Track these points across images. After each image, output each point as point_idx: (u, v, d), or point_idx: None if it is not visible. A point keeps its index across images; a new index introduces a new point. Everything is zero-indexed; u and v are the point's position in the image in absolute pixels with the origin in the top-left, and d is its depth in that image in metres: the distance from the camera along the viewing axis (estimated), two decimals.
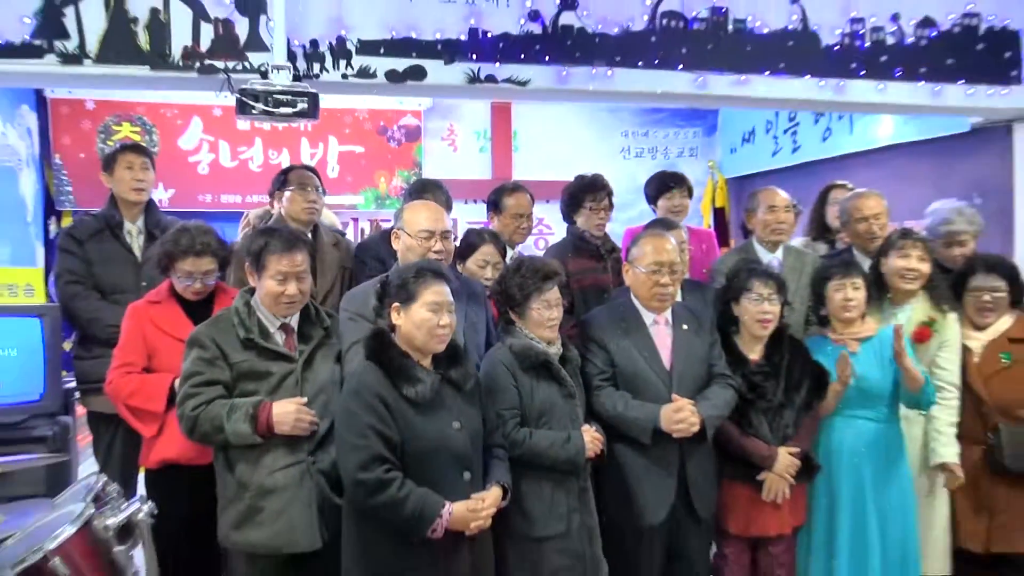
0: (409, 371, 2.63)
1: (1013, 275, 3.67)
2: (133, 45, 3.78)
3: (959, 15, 4.75)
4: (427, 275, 2.69)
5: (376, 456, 2.52)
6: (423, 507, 2.53)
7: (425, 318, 2.63)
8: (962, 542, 3.61)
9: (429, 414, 2.63)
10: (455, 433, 2.66)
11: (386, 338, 2.69)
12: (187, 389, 2.83)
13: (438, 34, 4.09)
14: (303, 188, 3.93)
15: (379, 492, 2.51)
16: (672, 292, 3.37)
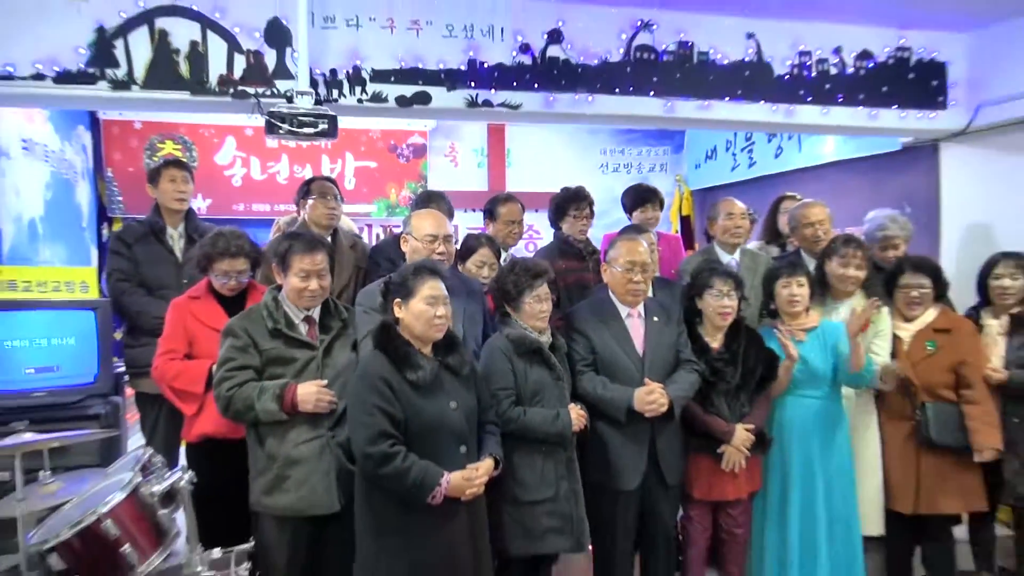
0: (411, 358, 2.63)
1: (936, 274, 3.67)
2: (175, 73, 3.78)
3: (893, 48, 4.77)
4: (424, 273, 2.69)
5: (382, 432, 2.52)
6: (424, 476, 2.53)
7: (423, 310, 2.63)
8: (893, 505, 3.62)
9: (429, 396, 2.63)
10: (452, 412, 2.66)
11: (391, 329, 2.68)
12: (222, 373, 2.84)
13: (441, 64, 4.10)
14: (323, 196, 3.93)
15: (385, 464, 2.51)
16: (644, 288, 3.37)
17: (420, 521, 2.59)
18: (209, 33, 3.81)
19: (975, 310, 3.84)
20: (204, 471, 2.86)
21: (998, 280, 3.68)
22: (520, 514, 3.00)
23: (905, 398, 3.59)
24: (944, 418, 3.51)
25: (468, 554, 2.68)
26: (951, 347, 3.57)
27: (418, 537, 2.60)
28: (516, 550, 3.01)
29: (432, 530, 2.60)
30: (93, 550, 2.40)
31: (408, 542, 2.59)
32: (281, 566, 2.89)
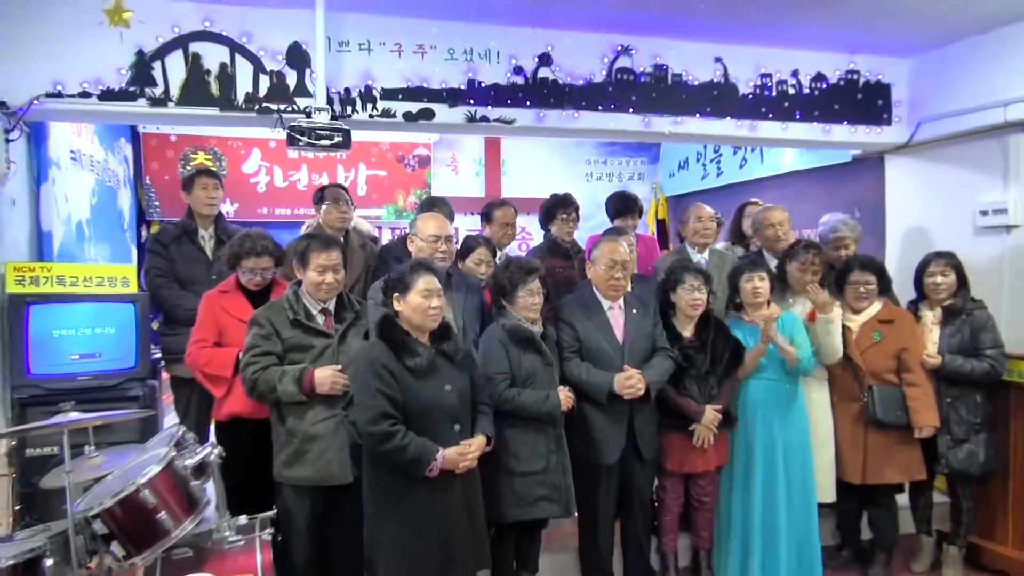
0: (410, 346, 2.62)
1: (881, 271, 3.69)
2: (206, 92, 3.76)
3: (844, 71, 4.76)
4: (419, 269, 2.68)
5: (383, 413, 2.51)
6: (421, 452, 2.52)
7: (419, 303, 2.62)
8: (844, 476, 3.62)
9: (426, 379, 2.62)
10: (447, 394, 2.64)
11: (391, 320, 2.67)
12: (248, 358, 2.83)
13: (443, 84, 4.07)
14: (336, 202, 3.93)
15: (386, 441, 2.50)
16: (623, 284, 3.35)
17: (419, 493, 2.58)
18: (237, 56, 3.78)
19: (914, 303, 3.85)
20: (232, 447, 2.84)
21: (931, 277, 3.69)
22: (515, 484, 3.00)
23: (854, 382, 3.60)
24: (888, 399, 3.52)
25: (463, 521, 2.67)
26: (894, 336, 3.58)
27: (417, 507, 2.59)
28: (511, 516, 3.01)
29: (430, 500, 2.59)
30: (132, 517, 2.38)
31: (408, 511, 2.59)
32: (301, 530, 2.88)
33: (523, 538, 3.29)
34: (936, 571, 3.77)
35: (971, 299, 3.68)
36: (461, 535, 2.65)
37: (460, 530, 2.65)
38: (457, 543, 2.63)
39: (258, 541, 2.60)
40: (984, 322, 3.60)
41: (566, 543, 3.65)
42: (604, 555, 3.40)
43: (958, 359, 3.57)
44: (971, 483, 3.70)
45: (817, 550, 3.49)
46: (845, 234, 4.03)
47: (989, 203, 4.39)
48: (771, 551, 3.40)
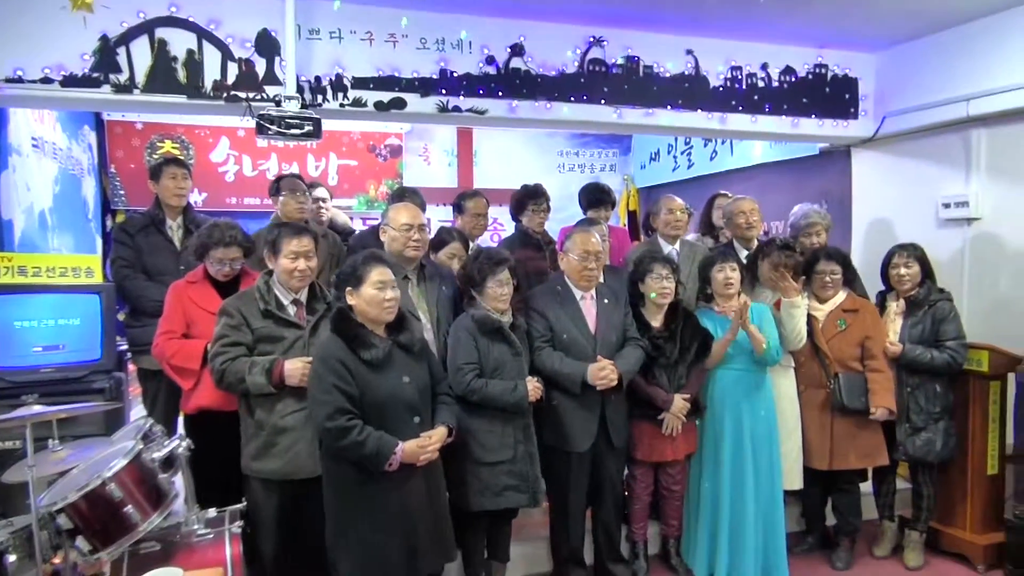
0: (364, 339, 2.59)
1: (846, 262, 3.76)
2: (173, 79, 3.69)
3: (812, 65, 4.82)
4: (371, 261, 2.65)
5: (339, 408, 2.48)
6: (379, 447, 2.50)
7: (373, 295, 2.59)
8: (810, 462, 3.69)
9: (383, 372, 2.59)
10: (405, 386, 2.62)
11: (345, 314, 2.64)
12: (217, 348, 2.80)
13: (415, 74, 4.04)
14: (293, 192, 3.89)
15: (343, 437, 2.47)
16: (596, 274, 3.37)
17: (379, 486, 2.57)
18: (204, 43, 3.71)
19: (882, 295, 3.92)
20: (200, 439, 2.81)
21: (895, 269, 3.75)
22: (482, 473, 3.01)
23: (820, 369, 3.67)
24: (853, 386, 3.60)
25: (426, 513, 2.66)
26: (858, 325, 3.66)
27: (378, 501, 2.58)
28: (478, 505, 3.02)
29: (390, 494, 2.58)
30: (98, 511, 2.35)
31: (369, 505, 2.58)
32: (269, 523, 2.86)
33: (493, 527, 3.30)
34: (897, 555, 3.86)
35: (939, 290, 3.74)
36: (424, 528, 2.64)
37: (423, 523, 2.64)
38: (420, 536, 2.62)
39: (227, 534, 2.59)
40: (946, 313, 3.67)
41: (537, 532, 3.68)
42: (575, 543, 3.43)
43: (918, 348, 3.64)
44: (931, 470, 3.78)
45: (783, 536, 3.54)
46: (816, 220, 4.11)
47: (951, 196, 4.49)
48: (738, 538, 3.45)
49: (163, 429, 2.86)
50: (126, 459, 2.41)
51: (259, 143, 6.43)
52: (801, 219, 4.15)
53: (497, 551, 3.35)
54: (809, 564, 3.79)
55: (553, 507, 3.45)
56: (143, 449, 2.54)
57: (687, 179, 7.15)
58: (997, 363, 3.73)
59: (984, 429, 3.78)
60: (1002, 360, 3.73)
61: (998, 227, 4.32)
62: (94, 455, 2.56)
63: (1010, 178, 4.25)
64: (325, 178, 6.75)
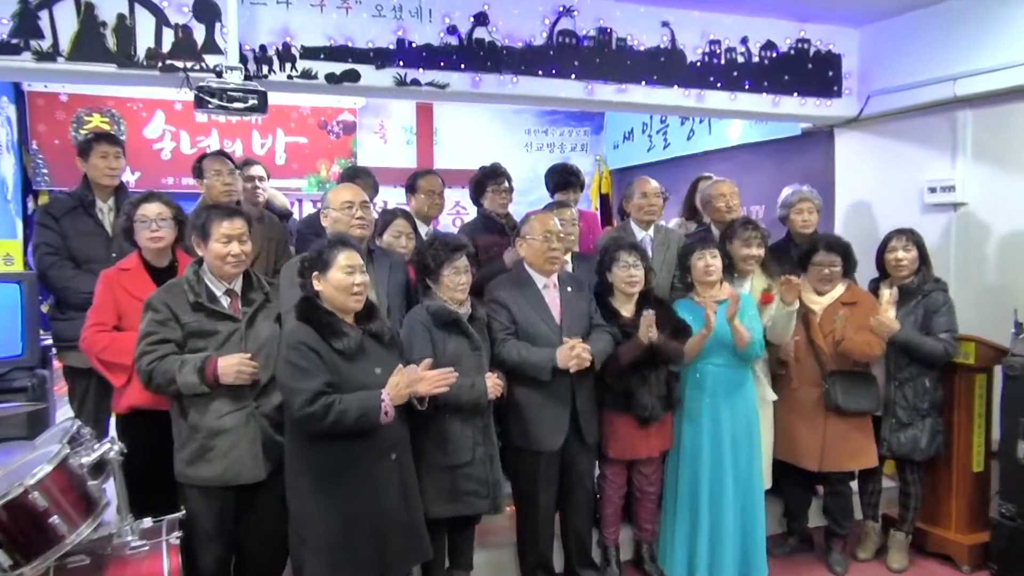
0: (336, 327, 2.59)
1: (847, 252, 3.77)
2: (102, 46, 3.58)
3: (794, 40, 4.87)
4: (338, 244, 2.65)
5: (316, 392, 2.49)
6: (365, 404, 2.52)
7: (341, 279, 2.59)
8: (798, 462, 3.75)
9: (355, 362, 2.61)
10: (377, 377, 2.63)
11: (313, 302, 2.64)
12: (143, 347, 2.73)
13: (370, 44, 3.99)
14: (219, 174, 3.81)
15: (327, 414, 2.48)
16: (561, 256, 3.37)
17: (353, 479, 2.59)
18: (137, 7, 3.61)
19: (875, 282, 3.96)
20: (134, 442, 2.75)
21: (892, 252, 3.79)
22: (439, 477, 3.00)
23: (816, 367, 3.71)
24: (849, 386, 3.66)
25: (400, 511, 2.67)
26: (855, 318, 3.70)
27: (351, 493, 2.59)
28: (434, 512, 3.00)
29: (364, 486, 2.59)
30: (21, 522, 2.28)
31: (341, 498, 2.58)
32: (208, 534, 2.80)
33: (455, 534, 3.31)
34: (881, 557, 3.95)
35: (934, 279, 3.80)
36: (397, 526, 2.66)
37: (396, 521, 2.66)
38: (393, 534, 2.64)
39: (164, 545, 2.53)
40: (939, 305, 3.71)
41: (503, 538, 3.69)
42: (543, 549, 3.45)
43: (915, 333, 3.68)
44: (919, 468, 3.86)
45: (763, 538, 3.61)
46: (807, 197, 4.20)
47: (937, 180, 4.58)
48: (717, 541, 3.50)
49: (92, 431, 2.79)
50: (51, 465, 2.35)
51: (198, 118, 6.33)
52: (792, 196, 4.24)
53: (459, 559, 3.35)
54: (791, 567, 3.87)
55: (520, 511, 3.46)
56: (70, 453, 2.47)
57: (663, 160, 7.20)
58: (983, 355, 3.83)
59: (969, 424, 3.88)
60: (988, 352, 3.83)
61: (985, 213, 4.42)
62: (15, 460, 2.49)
63: (997, 162, 4.34)
64: (272, 157, 6.67)
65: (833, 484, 3.86)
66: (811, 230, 4.19)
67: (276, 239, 3.92)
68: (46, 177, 6.06)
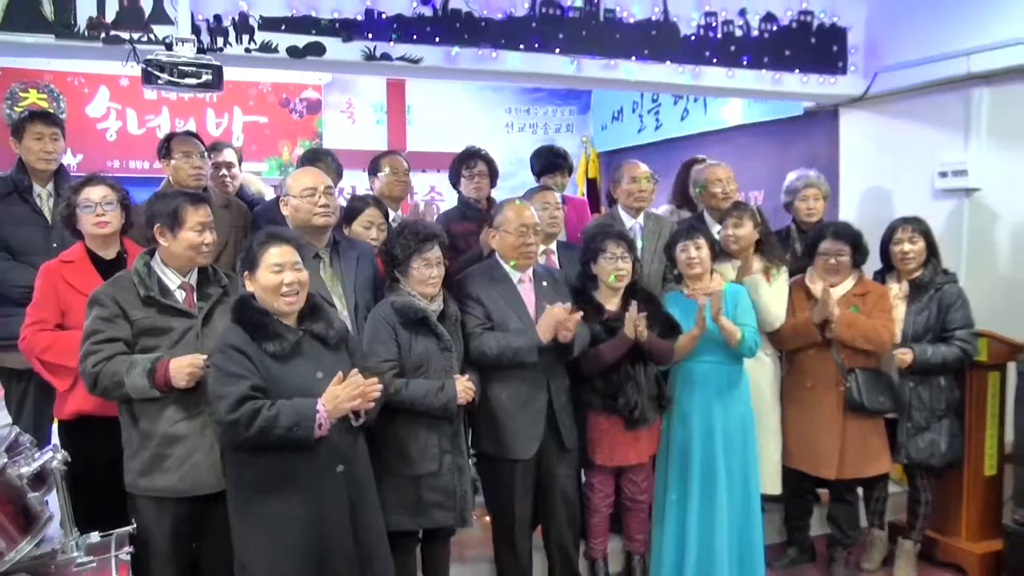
0: (268, 328, 2.57)
1: (856, 242, 3.77)
2: (38, 14, 3.54)
3: (796, 12, 4.89)
4: (268, 240, 2.62)
5: (243, 396, 2.46)
6: (297, 412, 2.48)
7: (268, 279, 2.57)
8: (815, 471, 3.78)
9: (292, 366, 2.59)
10: (318, 382, 2.59)
11: (248, 302, 2.62)
12: (88, 346, 2.69)
13: (336, 13, 3.98)
14: (188, 156, 3.79)
15: (253, 421, 2.44)
16: (536, 250, 3.38)
17: (290, 497, 2.56)
18: None
19: (880, 275, 3.98)
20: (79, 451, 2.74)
21: (898, 245, 3.80)
22: (402, 488, 3.00)
23: (834, 365, 3.72)
24: (872, 383, 3.68)
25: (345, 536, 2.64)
26: (868, 309, 3.72)
27: (288, 514, 2.56)
28: (397, 524, 2.99)
29: (303, 506, 2.57)
30: None
31: (277, 520, 2.57)
32: (162, 550, 2.79)
33: (428, 547, 3.32)
34: (887, 567, 4.01)
35: (943, 271, 3.82)
36: (343, 554, 2.63)
37: (341, 548, 2.63)
38: (338, 563, 2.61)
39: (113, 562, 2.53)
40: (954, 299, 3.74)
41: (481, 552, 3.71)
42: (523, 562, 3.46)
43: (928, 349, 3.68)
44: (932, 474, 3.90)
45: (760, 549, 3.65)
46: (813, 183, 4.25)
47: (949, 163, 4.63)
48: (707, 551, 3.53)
49: (32, 439, 2.78)
50: None
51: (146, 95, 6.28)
52: (798, 182, 4.29)
53: (434, 574, 3.37)
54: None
55: (496, 524, 3.48)
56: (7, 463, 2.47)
57: (655, 142, 7.24)
58: (996, 351, 3.89)
59: (981, 425, 3.93)
60: (1002, 348, 3.89)
61: (999, 199, 4.48)
62: None
63: (1014, 145, 4.39)
64: (228, 137, 6.63)
65: (839, 490, 3.89)
66: (816, 218, 4.23)
67: (243, 227, 3.90)
68: None
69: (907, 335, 3.78)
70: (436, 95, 7.52)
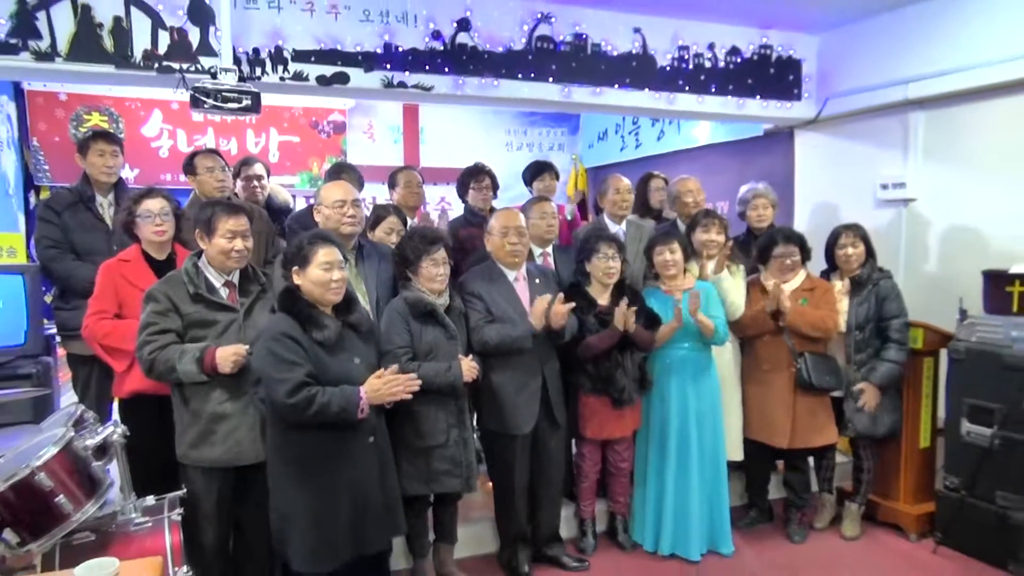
0: (316, 319, 2.58)
1: (803, 242, 3.82)
2: (99, 47, 3.53)
3: (757, 46, 4.90)
4: (318, 241, 2.63)
5: (299, 383, 2.48)
6: (345, 399, 2.52)
7: (320, 276, 2.57)
8: (769, 440, 3.79)
9: (334, 353, 2.60)
10: (356, 367, 2.63)
11: (295, 294, 2.62)
12: (144, 337, 2.70)
13: (358, 47, 3.97)
14: (211, 171, 3.78)
15: (309, 405, 2.47)
16: (521, 250, 3.36)
17: (333, 461, 2.59)
18: (133, 9, 3.56)
19: (826, 274, 4.01)
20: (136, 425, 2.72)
21: (842, 249, 3.84)
22: (415, 458, 3.01)
23: (786, 350, 3.73)
24: (819, 364, 3.70)
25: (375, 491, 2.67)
26: (816, 301, 3.75)
27: (331, 473, 2.59)
28: (412, 489, 3.02)
29: (344, 467, 2.60)
30: (28, 502, 2.26)
31: (323, 478, 2.58)
32: (209, 512, 2.80)
33: (439, 509, 3.33)
34: (835, 526, 4.02)
35: (878, 269, 3.86)
36: (373, 505, 2.66)
37: (372, 500, 2.66)
38: (369, 510, 2.64)
39: (166, 522, 2.52)
40: (889, 291, 3.79)
41: (485, 512, 3.71)
42: (520, 521, 3.47)
43: (882, 366, 3.71)
44: (873, 444, 3.93)
45: (727, 510, 3.67)
46: (762, 194, 4.26)
47: (889, 177, 4.65)
48: (683, 512, 3.56)
49: (95, 415, 2.76)
50: (56, 447, 2.33)
51: (194, 117, 6.25)
52: (748, 193, 4.31)
53: (444, 533, 3.38)
54: (753, 536, 3.92)
55: (497, 489, 3.48)
56: (74, 436, 2.45)
57: (635, 159, 7.22)
58: (931, 340, 3.91)
59: (918, 404, 3.95)
60: (935, 337, 3.91)
61: (933, 208, 4.49)
62: (21, 443, 2.46)
63: (945, 160, 4.40)
64: (266, 154, 6.61)
65: (793, 460, 3.92)
66: (767, 224, 4.25)
67: (264, 232, 3.90)
68: (47, 173, 5.96)
69: (851, 325, 3.80)
70: (445, 118, 7.50)
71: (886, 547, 3.84)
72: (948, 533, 3.72)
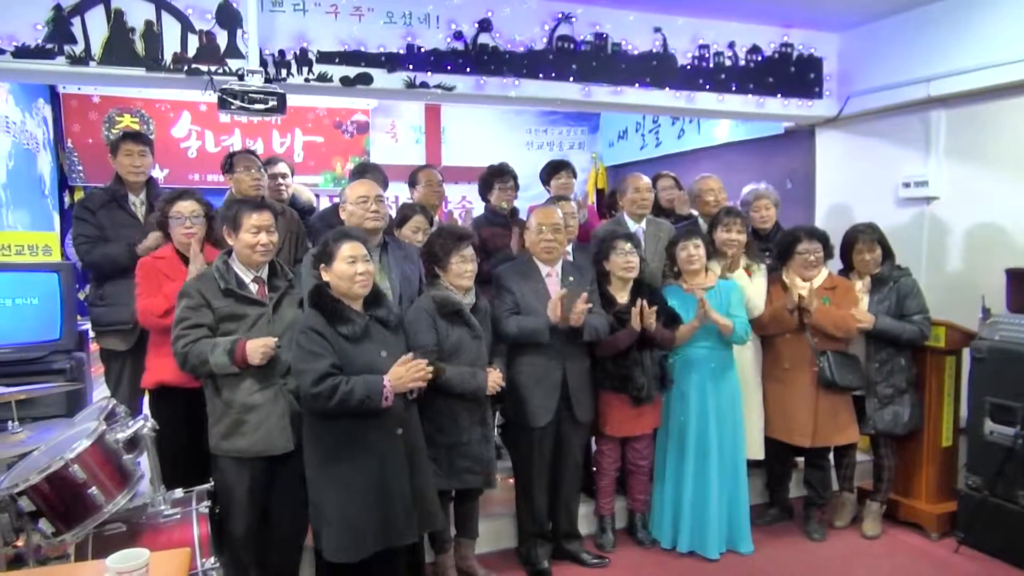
0: (343, 313, 2.62)
1: (825, 239, 3.79)
2: (131, 51, 3.59)
3: (778, 44, 4.85)
4: (341, 237, 2.67)
5: (323, 373, 2.52)
6: (368, 387, 2.54)
7: (344, 269, 2.62)
8: (791, 439, 3.76)
9: (361, 346, 2.63)
10: (382, 360, 2.65)
11: (323, 290, 2.67)
12: (178, 331, 2.75)
13: (381, 48, 3.99)
14: (248, 169, 3.82)
15: (333, 394, 2.51)
16: (556, 246, 3.37)
17: (360, 452, 2.62)
18: (163, 14, 3.61)
19: (843, 274, 3.95)
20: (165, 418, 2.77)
21: (860, 255, 3.80)
22: (437, 455, 3.02)
23: (808, 348, 3.69)
24: (843, 363, 3.66)
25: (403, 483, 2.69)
26: (837, 300, 3.71)
27: (357, 465, 2.62)
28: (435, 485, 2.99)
29: (370, 459, 2.63)
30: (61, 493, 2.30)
31: (350, 470, 2.61)
32: (241, 502, 2.83)
33: (460, 504, 3.34)
34: (856, 525, 3.97)
35: (897, 267, 3.82)
36: (402, 497, 2.67)
37: (401, 492, 2.67)
38: (397, 504, 2.66)
39: (195, 514, 2.56)
40: (910, 289, 3.75)
41: (506, 508, 3.71)
42: (539, 516, 3.47)
43: (888, 319, 3.70)
44: (894, 443, 3.88)
45: (746, 508, 3.64)
46: (764, 195, 4.24)
47: (911, 175, 4.58)
48: (701, 510, 3.53)
49: (127, 409, 2.82)
50: (89, 440, 2.37)
51: (222, 118, 6.30)
52: (749, 195, 4.29)
53: (466, 527, 3.38)
54: (773, 534, 3.88)
55: (518, 483, 3.49)
56: (106, 430, 2.50)
57: (655, 158, 7.17)
58: (953, 338, 3.84)
59: (940, 403, 3.89)
60: (957, 336, 3.84)
61: (955, 206, 4.42)
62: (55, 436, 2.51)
63: (967, 158, 4.34)
64: (290, 154, 6.65)
65: (813, 458, 3.89)
66: (770, 224, 4.23)
67: (295, 232, 3.93)
68: (81, 173, 6.05)
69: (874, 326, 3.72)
70: (467, 118, 7.49)
71: (907, 546, 3.79)
72: (970, 533, 3.66)
